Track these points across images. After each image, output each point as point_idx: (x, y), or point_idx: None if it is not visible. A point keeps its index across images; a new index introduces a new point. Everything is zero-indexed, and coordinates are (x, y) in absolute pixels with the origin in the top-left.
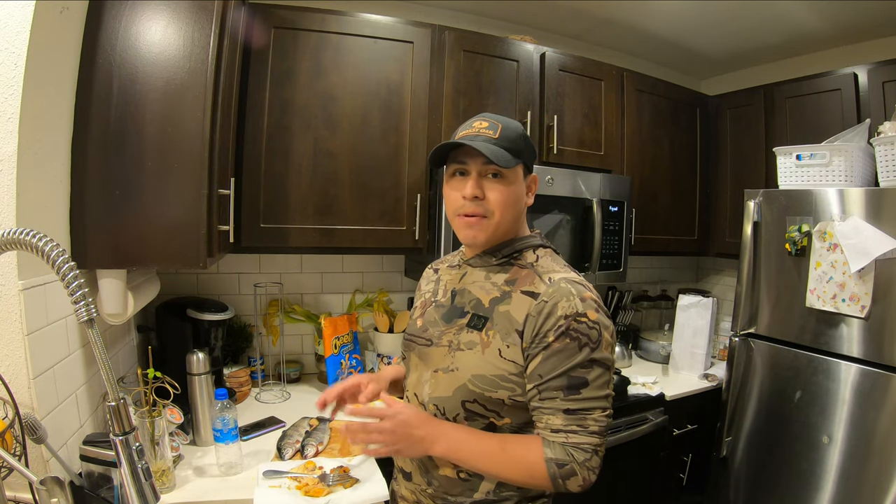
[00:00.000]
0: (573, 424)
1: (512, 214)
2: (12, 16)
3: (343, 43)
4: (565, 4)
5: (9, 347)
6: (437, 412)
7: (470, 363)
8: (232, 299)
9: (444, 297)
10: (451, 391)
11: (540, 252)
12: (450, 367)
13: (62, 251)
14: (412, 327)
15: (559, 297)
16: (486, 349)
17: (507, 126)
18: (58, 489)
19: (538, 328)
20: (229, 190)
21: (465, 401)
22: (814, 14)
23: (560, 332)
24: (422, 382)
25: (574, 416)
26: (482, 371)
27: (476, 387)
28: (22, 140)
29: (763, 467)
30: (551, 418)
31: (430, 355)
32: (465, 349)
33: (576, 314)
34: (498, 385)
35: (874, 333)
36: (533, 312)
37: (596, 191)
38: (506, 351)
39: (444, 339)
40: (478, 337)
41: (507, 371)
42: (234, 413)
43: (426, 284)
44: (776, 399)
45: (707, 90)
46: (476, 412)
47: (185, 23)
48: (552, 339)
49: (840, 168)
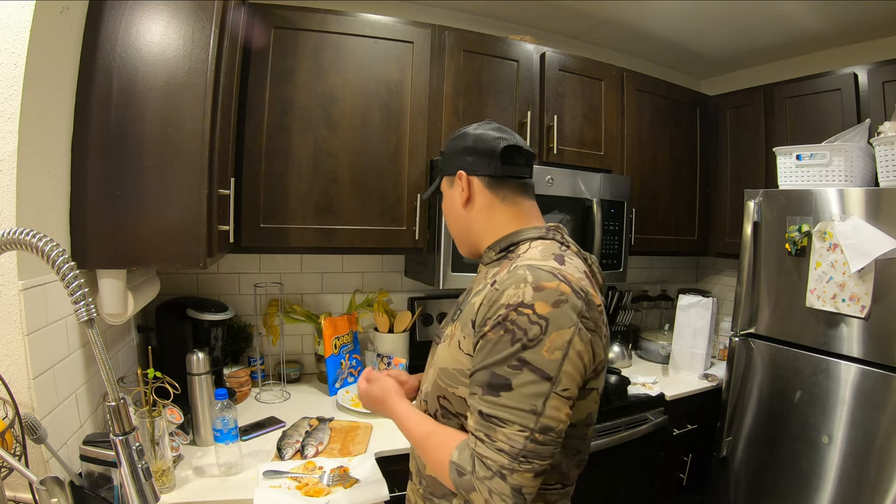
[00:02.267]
0: (481, 431)
1: (451, 223)
2: (12, 16)
3: (343, 43)
4: (565, 4)
5: (9, 347)
6: (426, 407)
7: (440, 356)
8: (232, 299)
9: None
10: (430, 385)
11: (536, 244)
12: (432, 362)
13: (62, 251)
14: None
15: (510, 283)
16: (451, 341)
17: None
18: (58, 489)
19: (482, 316)
20: (229, 190)
21: (439, 396)
22: (814, 14)
23: (497, 320)
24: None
25: (484, 423)
26: (446, 364)
27: (442, 381)
28: (22, 140)
29: (763, 467)
30: (470, 416)
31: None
32: (442, 342)
33: (519, 304)
34: (458, 381)
35: (874, 333)
36: (484, 301)
37: (596, 191)
38: (463, 342)
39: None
40: (450, 329)
41: (464, 365)
42: (234, 413)
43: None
44: (776, 399)
45: (707, 90)
46: (448, 410)
47: (185, 23)
48: (488, 328)
49: (840, 168)
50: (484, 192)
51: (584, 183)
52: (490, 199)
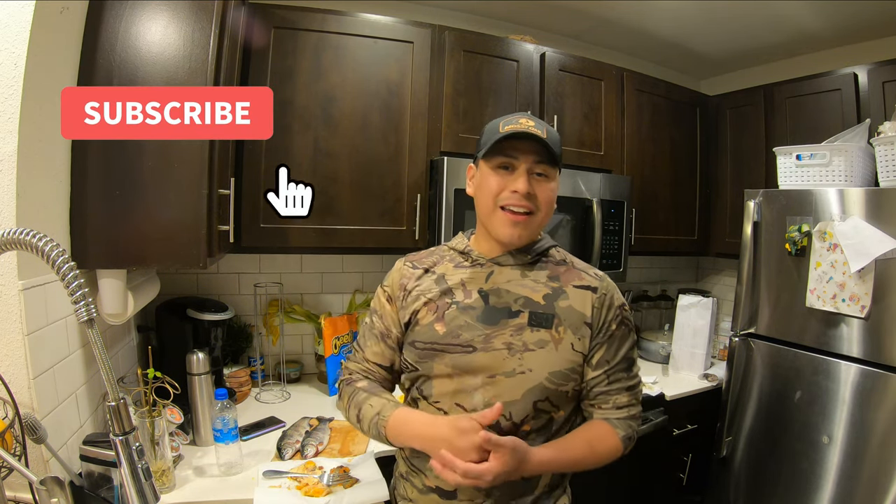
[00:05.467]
0: (633, 399)
1: (551, 213)
2: (12, 16)
3: (343, 43)
4: (565, 4)
5: (9, 347)
6: (501, 417)
7: (544, 361)
8: (232, 299)
9: (469, 299)
10: (519, 393)
11: (561, 251)
12: (518, 370)
13: (62, 251)
14: (427, 334)
15: (612, 290)
16: (560, 344)
17: (550, 129)
18: (58, 489)
19: (603, 319)
20: (229, 190)
21: (538, 400)
22: (814, 14)
23: (619, 320)
24: (466, 391)
25: (634, 392)
26: (558, 367)
27: (552, 384)
28: (22, 140)
29: (763, 467)
30: (618, 397)
31: (478, 361)
32: (536, 348)
33: (623, 304)
34: (568, 378)
35: (874, 333)
36: (597, 305)
37: (596, 191)
38: (577, 343)
39: (497, 341)
40: (547, 334)
41: (575, 363)
42: (234, 413)
43: (414, 283)
44: (776, 399)
45: (707, 90)
46: (544, 410)
47: (185, 23)
48: (615, 327)
49: (840, 168)
50: None
51: (584, 183)
52: None
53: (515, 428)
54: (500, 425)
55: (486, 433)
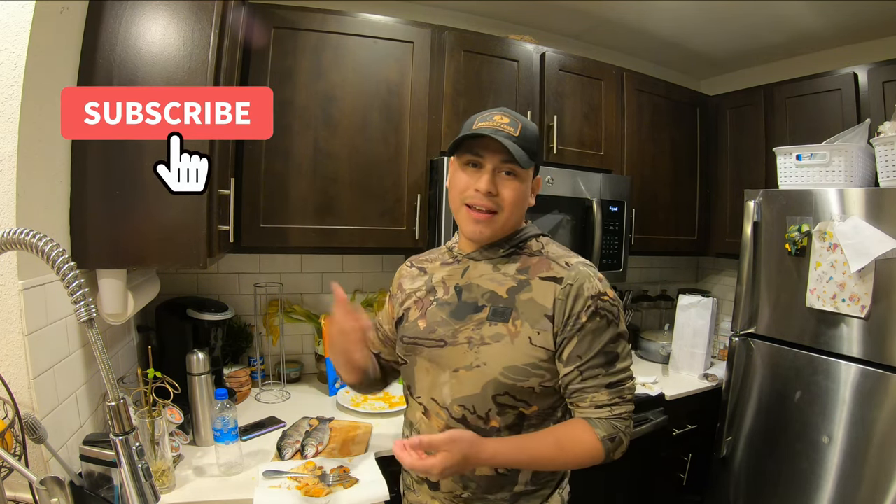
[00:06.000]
0: (615, 397)
1: (519, 213)
2: (12, 16)
3: (343, 43)
4: (565, 4)
5: (9, 347)
6: (466, 412)
7: (499, 356)
8: (232, 299)
9: (447, 295)
10: (479, 387)
11: (543, 240)
12: (474, 364)
13: (62, 251)
14: (412, 329)
15: (582, 279)
16: (516, 338)
17: (527, 126)
18: (58, 489)
19: (569, 311)
20: (229, 190)
21: (496, 395)
22: (814, 14)
23: (591, 311)
24: (438, 385)
25: (615, 389)
26: (513, 361)
27: (508, 378)
28: (22, 140)
29: (763, 467)
30: (595, 395)
31: (446, 356)
32: (492, 342)
33: (599, 294)
34: (529, 374)
35: (874, 333)
36: (560, 296)
37: (596, 191)
38: (536, 338)
39: (461, 336)
40: (504, 328)
41: (537, 358)
42: (234, 413)
43: (411, 283)
44: (776, 399)
45: (707, 90)
46: (506, 404)
47: (185, 23)
48: (585, 319)
49: (840, 168)
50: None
51: (584, 183)
52: None
53: (482, 422)
54: (466, 420)
55: (416, 437)
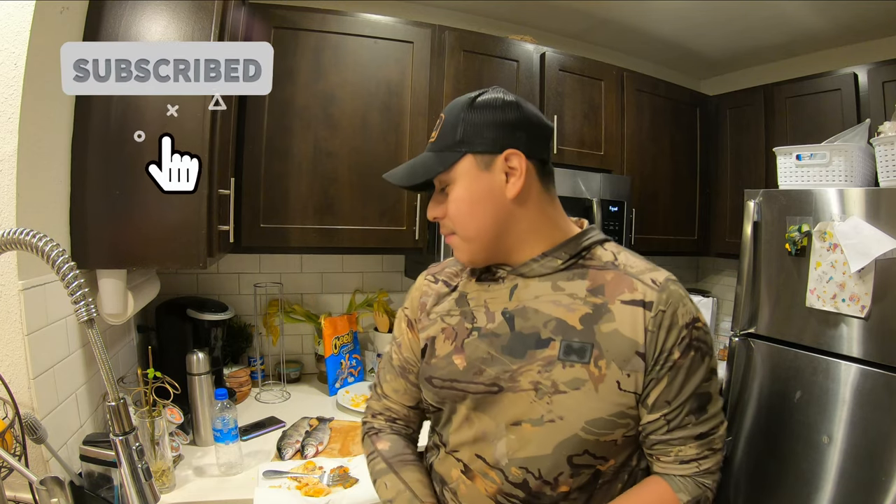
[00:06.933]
0: (705, 450)
1: (481, 219)
2: (12, 16)
3: (343, 43)
4: (565, 4)
5: (9, 347)
6: (529, 475)
7: (580, 407)
8: (232, 299)
9: (492, 323)
10: (550, 447)
11: (611, 247)
12: (546, 418)
13: (62, 251)
14: (446, 369)
15: (675, 302)
16: (601, 384)
17: (449, 112)
18: (58, 489)
19: (661, 345)
20: (229, 190)
21: (573, 455)
22: (814, 14)
23: (685, 345)
24: (489, 441)
25: (706, 441)
26: (598, 413)
27: (591, 434)
28: (22, 140)
29: (763, 467)
30: (683, 449)
31: (503, 404)
32: (569, 390)
33: (693, 321)
34: (616, 425)
35: (874, 333)
36: (651, 327)
37: (596, 191)
38: (625, 381)
39: (523, 380)
40: (584, 371)
41: (625, 406)
42: (234, 413)
43: (436, 303)
44: (776, 399)
45: (707, 90)
46: (583, 465)
47: (185, 23)
48: (678, 355)
49: (840, 168)
50: (536, 181)
51: (584, 183)
52: (539, 191)
53: (549, 488)
54: (527, 484)
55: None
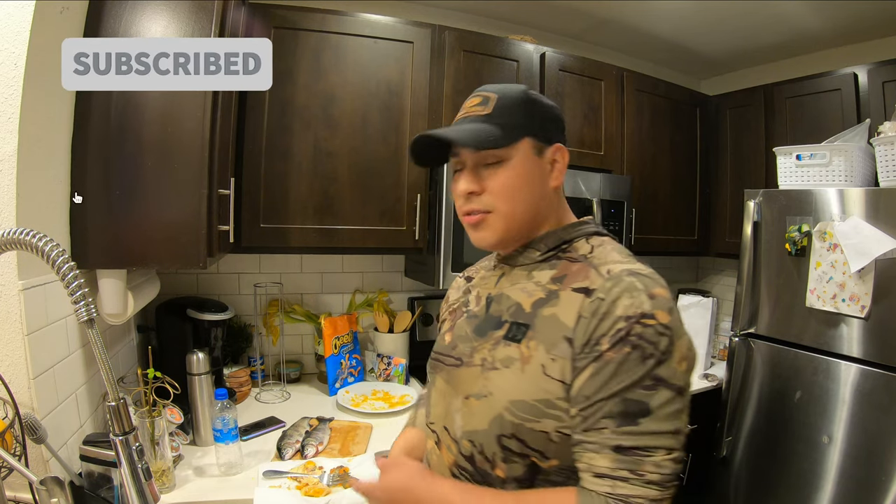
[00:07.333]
0: (623, 469)
1: (526, 202)
2: (12, 16)
3: (343, 43)
4: (565, 4)
5: (9, 347)
6: (474, 449)
7: (506, 385)
8: (232, 299)
9: (477, 306)
10: (486, 422)
11: (595, 241)
12: (482, 392)
13: (62, 251)
14: (439, 344)
15: (620, 292)
16: (527, 365)
17: (505, 93)
18: (58, 489)
19: (591, 333)
20: (229, 190)
21: (502, 435)
22: (814, 14)
23: (618, 337)
24: (452, 413)
25: (627, 457)
26: (521, 395)
27: (514, 416)
28: (22, 140)
29: (763, 467)
30: (595, 457)
31: (461, 378)
32: (501, 367)
33: (640, 315)
34: (542, 413)
35: (874, 333)
36: (585, 313)
37: (596, 191)
38: (551, 366)
39: (477, 356)
40: (516, 350)
41: (553, 394)
42: (234, 413)
43: (454, 294)
44: (776, 399)
45: (707, 90)
46: (514, 451)
47: (185, 23)
48: (606, 346)
49: (840, 168)
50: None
51: (583, 183)
52: (561, 186)
53: (489, 466)
54: (474, 459)
55: (354, 481)
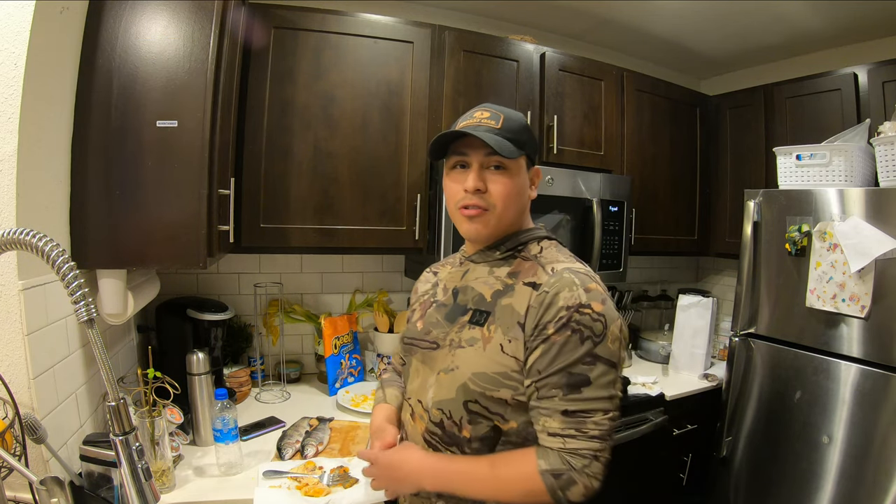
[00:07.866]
0: (571, 428)
1: (515, 208)
2: (12, 16)
3: (343, 43)
4: (565, 4)
5: (9, 347)
6: (443, 416)
7: (470, 360)
8: (232, 299)
9: (445, 297)
10: (453, 392)
11: (544, 244)
12: (450, 367)
13: (62, 251)
14: (412, 330)
15: (561, 286)
16: (488, 345)
17: (510, 116)
18: (58, 489)
19: (538, 319)
20: (229, 190)
21: (467, 401)
22: (814, 14)
23: (561, 323)
24: (426, 387)
25: (573, 419)
26: (483, 368)
27: (477, 385)
28: (22, 140)
29: (763, 467)
30: (548, 420)
31: (435, 358)
32: (466, 346)
33: (578, 305)
34: (500, 383)
35: (874, 333)
36: (534, 303)
37: (596, 191)
38: (508, 346)
39: (447, 339)
40: (479, 332)
41: (509, 368)
42: (234, 413)
43: (423, 286)
44: (776, 399)
45: (707, 90)
46: (479, 413)
47: (185, 23)
48: (552, 331)
49: (840, 168)
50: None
51: (583, 183)
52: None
53: (457, 429)
54: (443, 424)
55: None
